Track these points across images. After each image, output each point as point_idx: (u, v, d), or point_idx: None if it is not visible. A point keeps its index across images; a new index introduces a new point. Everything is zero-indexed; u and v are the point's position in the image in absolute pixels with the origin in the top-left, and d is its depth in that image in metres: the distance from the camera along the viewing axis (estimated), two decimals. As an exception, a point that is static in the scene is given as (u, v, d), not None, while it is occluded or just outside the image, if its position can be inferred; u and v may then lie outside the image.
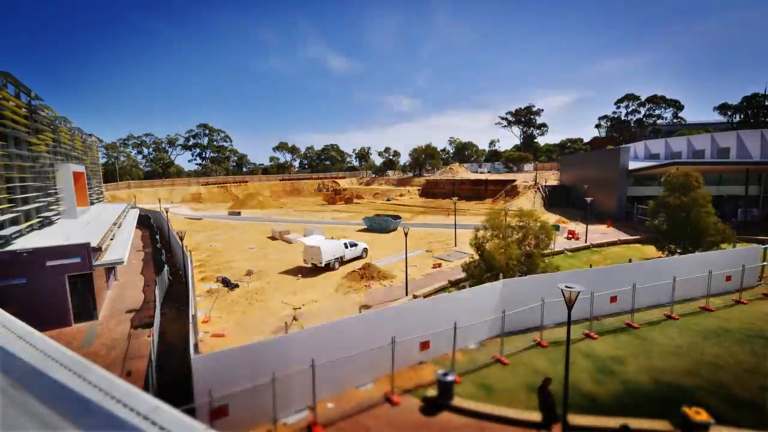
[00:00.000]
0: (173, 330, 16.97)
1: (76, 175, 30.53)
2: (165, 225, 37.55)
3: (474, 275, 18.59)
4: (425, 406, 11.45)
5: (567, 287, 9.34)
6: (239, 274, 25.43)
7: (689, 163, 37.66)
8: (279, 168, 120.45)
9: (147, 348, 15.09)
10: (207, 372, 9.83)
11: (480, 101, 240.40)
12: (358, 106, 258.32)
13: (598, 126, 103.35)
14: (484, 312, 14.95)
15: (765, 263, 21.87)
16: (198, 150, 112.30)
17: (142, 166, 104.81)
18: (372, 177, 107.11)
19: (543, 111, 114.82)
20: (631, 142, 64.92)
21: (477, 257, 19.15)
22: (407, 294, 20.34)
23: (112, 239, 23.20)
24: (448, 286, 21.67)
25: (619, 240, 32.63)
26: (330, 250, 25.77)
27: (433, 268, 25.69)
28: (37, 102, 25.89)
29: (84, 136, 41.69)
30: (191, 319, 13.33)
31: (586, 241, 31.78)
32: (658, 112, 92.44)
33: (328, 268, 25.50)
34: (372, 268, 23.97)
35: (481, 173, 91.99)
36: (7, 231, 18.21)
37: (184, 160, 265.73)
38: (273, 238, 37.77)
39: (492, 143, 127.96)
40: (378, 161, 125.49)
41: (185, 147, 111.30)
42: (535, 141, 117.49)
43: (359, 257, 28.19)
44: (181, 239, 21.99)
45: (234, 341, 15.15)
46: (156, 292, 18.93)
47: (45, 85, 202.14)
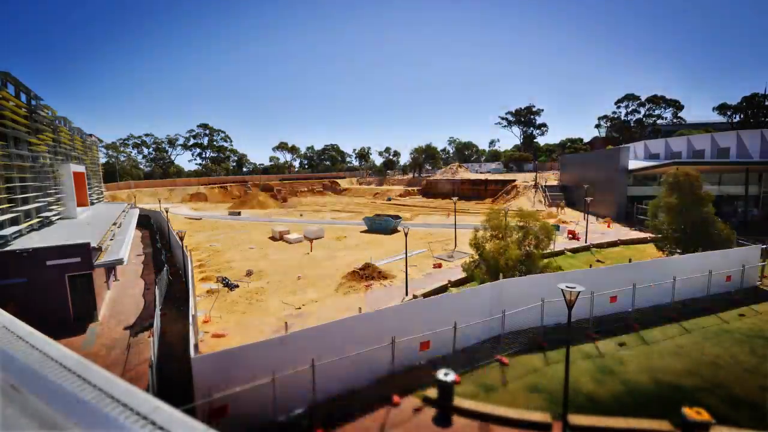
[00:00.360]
0: (173, 330, 16.96)
1: (76, 175, 30.53)
2: (165, 225, 37.55)
3: (474, 275, 18.61)
4: (425, 406, 11.45)
5: (567, 287, 9.34)
6: (239, 274, 25.42)
7: (689, 163, 37.57)
8: (279, 168, 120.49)
9: (147, 348, 15.09)
10: (207, 372, 9.83)
11: (480, 101, 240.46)
12: (358, 106, 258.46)
13: (598, 126, 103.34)
14: (484, 312, 14.94)
15: (764, 263, 21.89)
16: (198, 150, 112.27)
17: (142, 166, 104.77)
18: (372, 177, 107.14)
19: (543, 111, 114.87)
20: (631, 142, 64.89)
21: (477, 257, 19.16)
22: (407, 294, 20.34)
23: (112, 239, 23.20)
24: (448, 286, 21.67)
25: (619, 240, 32.62)
26: None
27: (433, 268, 25.68)
28: (37, 102, 25.89)
29: (84, 136, 41.69)
30: (191, 319, 13.33)
31: (586, 241, 31.77)
32: (658, 112, 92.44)
33: None
34: (372, 268, 23.97)
35: (481, 173, 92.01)
36: (7, 231, 18.21)
37: (184, 160, 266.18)
38: (273, 238, 37.79)
39: (492, 143, 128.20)
40: (378, 161, 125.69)
41: (185, 147, 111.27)
42: (535, 141, 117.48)
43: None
44: (181, 239, 21.99)
45: (234, 341, 15.16)
46: (156, 292, 18.93)
47: (45, 85, 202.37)
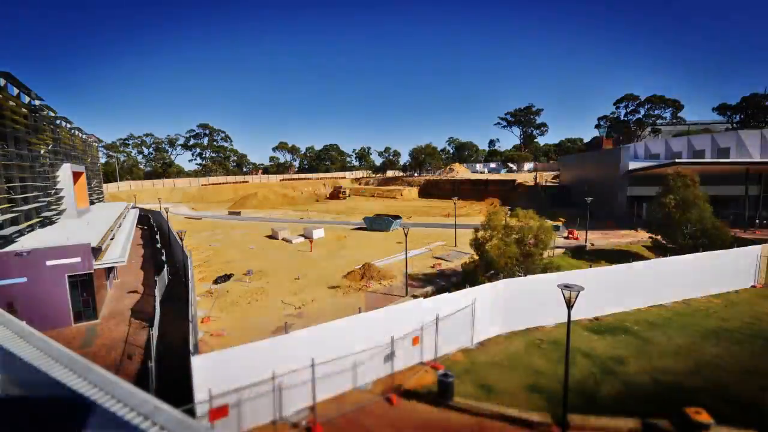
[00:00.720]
0: (173, 330, 16.96)
1: (76, 175, 30.55)
2: (165, 225, 37.55)
3: (474, 275, 18.61)
4: (425, 406, 11.44)
5: (567, 287, 9.34)
6: (239, 274, 25.41)
7: (689, 163, 37.59)
8: (279, 168, 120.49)
9: (147, 348, 15.08)
10: (207, 372, 9.82)
11: (480, 101, 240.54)
12: (358, 105, 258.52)
13: (598, 126, 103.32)
14: (483, 312, 14.94)
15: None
16: (198, 150, 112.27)
17: (142, 166, 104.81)
18: (373, 177, 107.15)
19: (543, 111, 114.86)
20: (631, 142, 64.89)
21: (477, 257, 19.16)
22: (407, 294, 20.34)
23: (112, 239, 23.21)
24: (448, 286, 21.66)
25: (619, 240, 32.61)
26: None
27: (433, 268, 25.69)
28: (37, 102, 25.90)
29: (84, 136, 41.71)
30: (191, 319, 13.34)
31: (585, 241, 31.78)
32: (657, 112, 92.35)
33: None
34: (372, 268, 23.96)
35: (481, 173, 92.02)
36: (7, 231, 18.22)
37: (184, 160, 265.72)
38: (273, 237, 37.78)
39: (492, 143, 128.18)
40: (378, 161, 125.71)
41: (185, 147, 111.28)
42: (535, 141, 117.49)
43: None
44: (181, 239, 22.00)
45: (234, 341, 15.14)
46: (156, 292, 18.93)
47: (45, 85, 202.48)
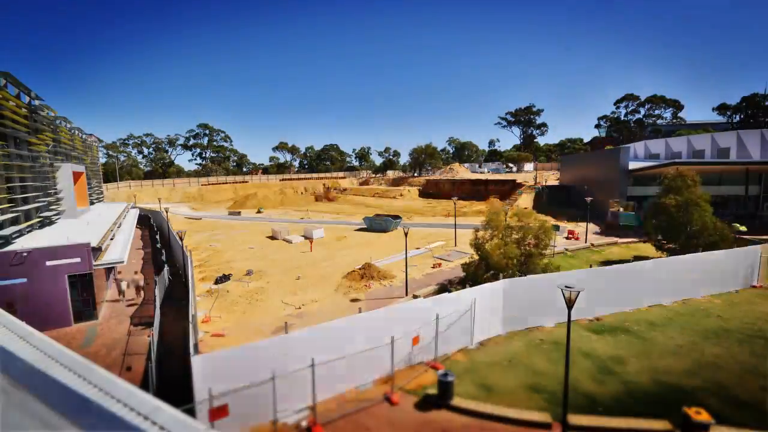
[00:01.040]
0: (173, 330, 16.96)
1: (76, 175, 30.54)
2: (165, 225, 37.54)
3: (474, 275, 18.60)
4: (425, 405, 11.45)
5: (567, 287, 9.34)
6: (239, 274, 25.43)
7: (689, 163, 37.61)
8: (279, 168, 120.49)
9: (147, 348, 15.09)
10: (207, 372, 9.82)
11: (480, 101, 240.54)
12: (358, 105, 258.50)
13: (598, 126, 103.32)
14: (483, 312, 14.94)
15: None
16: (198, 150, 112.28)
17: (142, 166, 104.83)
18: (373, 177, 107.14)
19: (543, 111, 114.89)
20: (631, 142, 64.91)
21: (477, 257, 19.16)
22: (407, 294, 20.34)
23: (112, 239, 23.21)
24: (448, 286, 21.65)
25: (619, 240, 32.64)
26: None
27: (433, 268, 25.69)
28: (37, 102, 25.90)
29: (84, 136, 41.71)
30: (191, 319, 13.33)
31: (586, 241, 31.79)
32: (657, 112, 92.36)
33: None
34: (372, 268, 23.97)
35: (481, 173, 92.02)
36: (7, 231, 18.22)
37: (184, 160, 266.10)
38: (273, 238, 37.77)
39: (492, 143, 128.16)
40: (378, 161, 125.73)
41: (185, 147, 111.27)
42: (535, 141, 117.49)
43: None
44: (181, 239, 22.00)
45: (234, 341, 15.15)
46: (156, 291, 18.93)
47: (45, 85, 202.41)
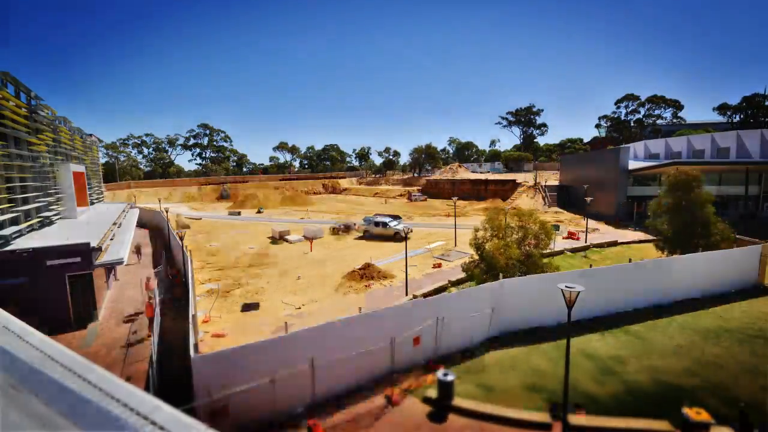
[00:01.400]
0: (173, 330, 16.96)
1: (76, 175, 30.52)
2: (165, 225, 37.53)
3: (474, 275, 18.60)
4: (425, 406, 11.45)
5: (567, 287, 9.34)
6: (239, 273, 25.43)
7: (689, 163, 37.60)
8: (279, 168, 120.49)
9: (147, 348, 15.09)
10: (207, 372, 9.83)
11: (480, 101, 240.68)
12: (358, 106, 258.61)
13: (598, 126, 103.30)
14: (483, 312, 14.94)
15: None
16: (198, 150, 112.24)
17: (142, 166, 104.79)
18: (374, 177, 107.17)
19: (543, 111, 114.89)
20: (631, 142, 64.90)
21: (477, 257, 19.16)
22: (407, 294, 20.34)
23: (112, 239, 23.20)
24: (448, 286, 21.66)
25: (619, 240, 32.64)
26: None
27: (433, 268, 25.68)
28: (37, 102, 25.89)
29: (84, 136, 41.70)
30: (191, 319, 13.31)
31: (586, 241, 31.78)
32: (657, 112, 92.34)
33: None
34: (372, 268, 23.97)
35: (481, 173, 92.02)
36: (7, 231, 18.21)
37: (184, 160, 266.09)
38: (273, 238, 37.73)
39: (492, 143, 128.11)
40: (378, 161, 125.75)
41: (185, 147, 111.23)
42: (535, 141, 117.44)
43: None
44: (181, 239, 21.99)
45: (234, 341, 15.15)
46: (156, 291, 18.93)
47: (45, 85, 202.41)
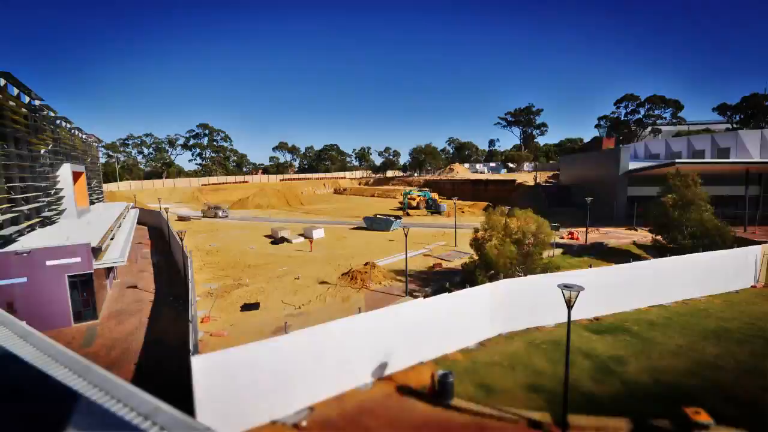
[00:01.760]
0: (173, 330, 16.96)
1: (76, 175, 30.54)
2: (165, 225, 37.52)
3: (474, 275, 18.60)
4: (425, 405, 11.44)
5: (567, 287, 9.33)
6: (239, 273, 25.42)
7: (689, 163, 37.59)
8: (279, 168, 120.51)
9: (146, 348, 15.09)
10: (207, 372, 9.83)
11: (480, 101, 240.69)
12: (357, 105, 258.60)
13: (598, 126, 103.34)
14: (483, 312, 14.94)
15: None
16: (198, 150, 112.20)
17: (142, 166, 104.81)
18: (374, 177, 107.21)
19: (543, 111, 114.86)
20: (631, 142, 64.88)
21: (477, 257, 19.17)
22: (407, 294, 20.34)
23: (112, 239, 23.21)
24: (448, 286, 21.65)
25: (618, 240, 32.62)
26: None
27: (433, 268, 25.68)
28: (37, 102, 25.89)
29: (84, 136, 41.69)
30: (191, 319, 13.33)
31: (585, 242, 31.78)
32: (657, 112, 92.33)
33: None
34: (372, 267, 23.95)
35: (481, 173, 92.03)
36: (7, 231, 18.21)
37: (184, 160, 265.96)
38: (273, 237, 37.70)
39: (492, 143, 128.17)
40: (378, 161, 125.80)
41: (185, 147, 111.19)
42: (535, 141, 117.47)
43: None
44: (181, 239, 21.99)
45: (234, 341, 15.14)
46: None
47: (45, 85, 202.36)
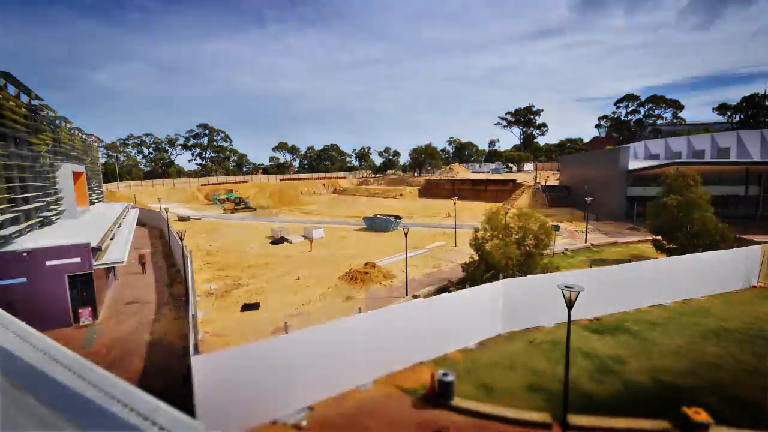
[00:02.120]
0: (173, 330, 16.96)
1: (76, 175, 30.52)
2: (165, 225, 37.50)
3: (474, 275, 18.59)
4: (425, 405, 11.45)
5: (567, 287, 9.33)
6: (239, 273, 25.42)
7: (689, 163, 37.59)
8: (279, 168, 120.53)
9: (146, 348, 15.09)
10: (207, 372, 9.83)
11: (480, 101, 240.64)
12: (357, 105, 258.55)
13: (598, 126, 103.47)
14: (483, 312, 14.94)
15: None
16: (198, 150, 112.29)
17: (142, 166, 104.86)
18: (374, 177, 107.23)
19: (543, 111, 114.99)
20: (631, 142, 64.90)
21: (477, 257, 19.16)
22: (407, 294, 20.34)
23: (112, 239, 23.20)
24: (448, 286, 21.65)
25: (619, 240, 32.64)
26: None
27: (433, 268, 25.68)
28: (37, 102, 25.88)
29: (84, 136, 41.67)
30: (191, 319, 13.33)
31: (585, 242, 31.79)
32: (658, 112, 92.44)
33: None
34: (372, 267, 23.96)
35: (481, 173, 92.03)
36: (7, 231, 18.19)
37: (184, 160, 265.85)
38: (273, 238, 37.69)
39: (492, 143, 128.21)
40: (378, 161, 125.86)
41: (185, 147, 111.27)
42: (535, 141, 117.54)
43: None
44: (181, 239, 21.98)
45: (234, 341, 15.15)
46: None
47: (45, 85, 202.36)
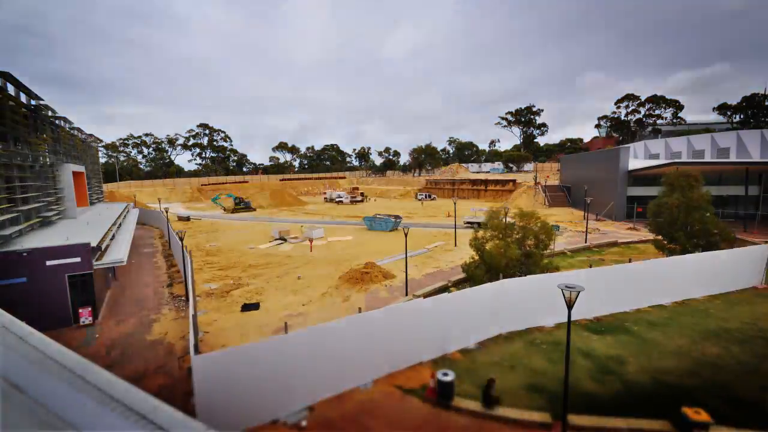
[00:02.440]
0: (173, 330, 16.96)
1: (76, 175, 30.55)
2: (165, 225, 37.50)
3: (474, 275, 18.59)
4: (425, 405, 11.44)
5: (567, 287, 9.32)
6: (239, 273, 25.41)
7: (689, 163, 37.61)
8: (279, 168, 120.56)
9: (145, 348, 15.08)
10: (207, 372, 9.83)
11: (480, 101, 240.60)
12: (357, 105, 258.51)
13: (598, 126, 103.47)
14: (483, 312, 14.94)
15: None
16: (198, 150, 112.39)
17: (142, 166, 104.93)
18: (374, 176, 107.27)
19: (543, 111, 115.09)
20: (631, 142, 64.88)
21: (477, 257, 19.16)
22: (407, 294, 20.34)
23: (112, 239, 23.21)
24: (448, 286, 21.66)
25: (619, 240, 32.62)
26: None
27: (434, 268, 25.68)
28: (37, 102, 25.89)
29: (84, 136, 41.68)
30: (191, 319, 13.32)
31: (586, 242, 31.78)
32: (658, 112, 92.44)
33: None
34: (372, 268, 23.96)
35: (481, 173, 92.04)
36: (7, 231, 18.20)
37: (184, 160, 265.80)
38: (273, 237, 37.67)
39: (492, 143, 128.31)
40: (378, 161, 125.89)
41: (185, 147, 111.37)
42: (535, 141, 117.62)
43: None
44: (181, 239, 21.97)
45: (234, 341, 15.15)
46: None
47: (45, 85, 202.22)
